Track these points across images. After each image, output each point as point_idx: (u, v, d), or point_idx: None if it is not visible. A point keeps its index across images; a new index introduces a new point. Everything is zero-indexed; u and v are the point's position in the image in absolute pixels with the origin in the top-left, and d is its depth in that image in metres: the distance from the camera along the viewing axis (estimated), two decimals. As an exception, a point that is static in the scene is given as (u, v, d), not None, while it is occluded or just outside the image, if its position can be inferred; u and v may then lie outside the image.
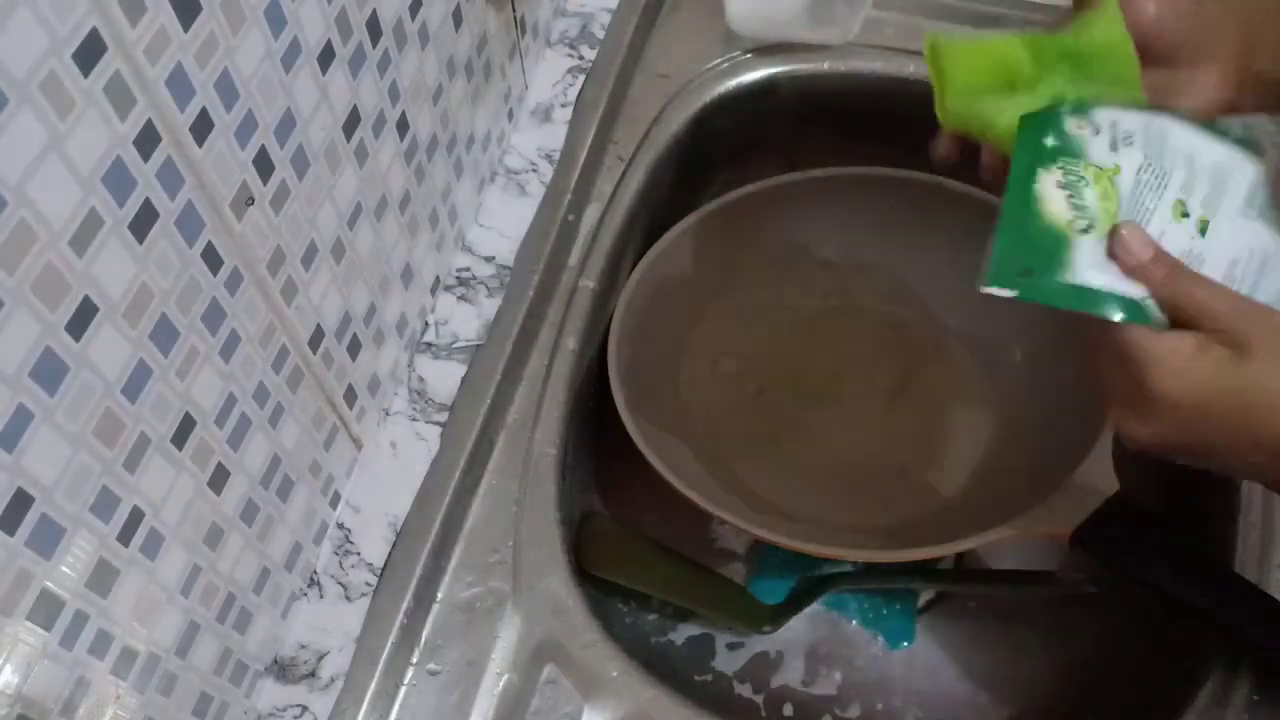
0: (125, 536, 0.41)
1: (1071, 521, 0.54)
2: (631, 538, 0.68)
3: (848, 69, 0.79)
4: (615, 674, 0.55)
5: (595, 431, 0.69)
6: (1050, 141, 0.42)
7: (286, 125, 0.46)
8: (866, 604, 0.70)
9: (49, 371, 0.35)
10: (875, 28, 0.79)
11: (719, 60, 0.80)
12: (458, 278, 0.69)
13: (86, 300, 0.36)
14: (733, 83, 0.80)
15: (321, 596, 0.57)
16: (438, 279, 0.67)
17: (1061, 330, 0.67)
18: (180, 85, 0.39)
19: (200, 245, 0.42)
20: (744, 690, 0.68)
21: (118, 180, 0.37)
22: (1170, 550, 0.53)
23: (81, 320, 0.36)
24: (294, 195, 0.48)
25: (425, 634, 0.57)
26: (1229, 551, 0.58)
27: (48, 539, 0.37)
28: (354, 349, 0.57)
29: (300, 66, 0.46)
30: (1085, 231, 0.42)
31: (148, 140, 0.38)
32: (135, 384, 0.40)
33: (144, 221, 0.38)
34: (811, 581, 0.68)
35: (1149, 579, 0.54)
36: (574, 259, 0.71)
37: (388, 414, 0.63)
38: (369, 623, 0.56)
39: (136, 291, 0.39)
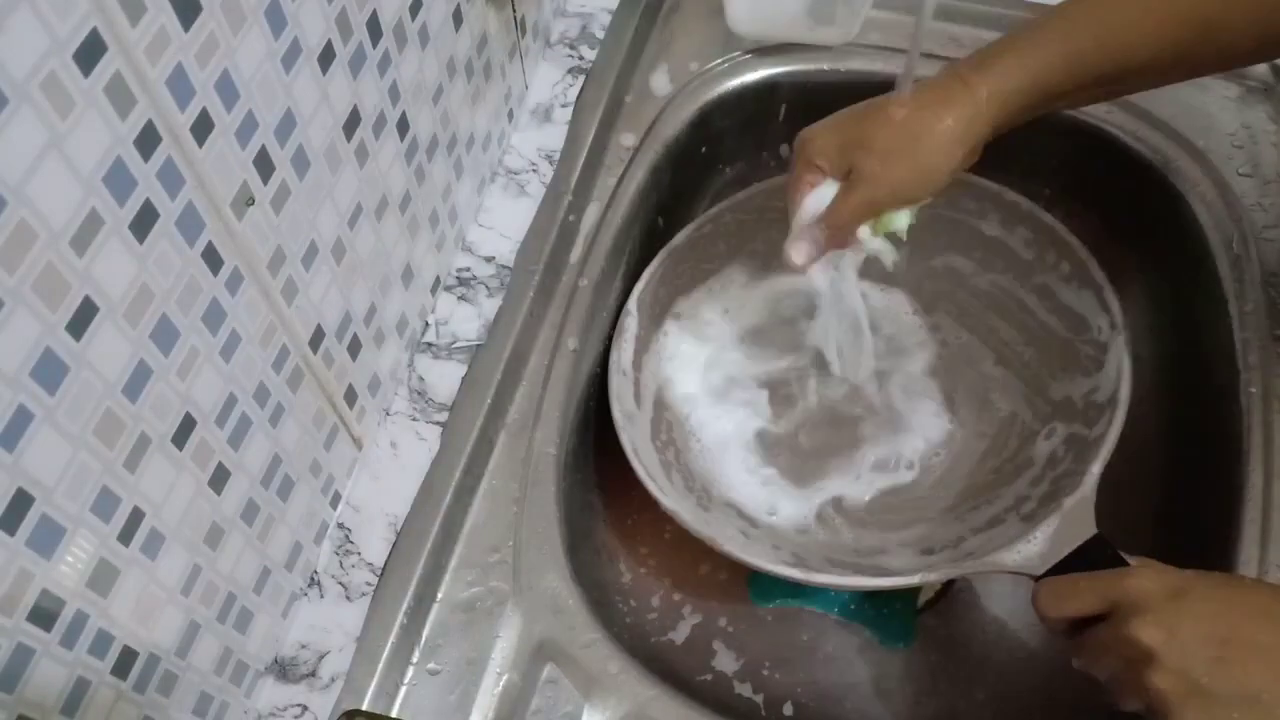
0: (125, 536, 0.41)
1: (1043, 565, 0.53)
2: None
3: (848, 69, 0.79)
4: (615, 674, 0.55)
5: (595, 431, 0.69)
6: None
7: (287, 125, 0.46)
8: (867, 604, 0.70)
9: (49, 371, 0.35)
10: (875, 28, 0.79)
11: (719, 60, 0.80)
12: (458, 278, 0.69)
13: (87, 300, 0.36)
14: (733, 83, 0.80)
15: (322, 596, 0.57)
16: (438, 279, 0.67)
17: (1058, 354, 0.67)
18: (181, 85, 0.39)
19: (200, 245, 0.42)
20: (744, 690, 0.67)
21: (118, 180, 0.37)
22: None
23: (82, 320, 0.36)
24: (294, 195, 0.48)
25: (425, 634, 0.57)
26: (1230, 551, 0.58)
27: (48, 539, 0.37)
28: (354, 349, 0.57)
29: (300, 67, 0.46)
30: None
31: (148, 140, 0.38)
32: (135, 384, 0.40)
33: (144, 221, 0.38)
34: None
35: None
36: (574, 259, 0.71)
37: (388, 414, 0.63)
38: (369, 622, 0.56)
39: (137, 291, 0.39)
